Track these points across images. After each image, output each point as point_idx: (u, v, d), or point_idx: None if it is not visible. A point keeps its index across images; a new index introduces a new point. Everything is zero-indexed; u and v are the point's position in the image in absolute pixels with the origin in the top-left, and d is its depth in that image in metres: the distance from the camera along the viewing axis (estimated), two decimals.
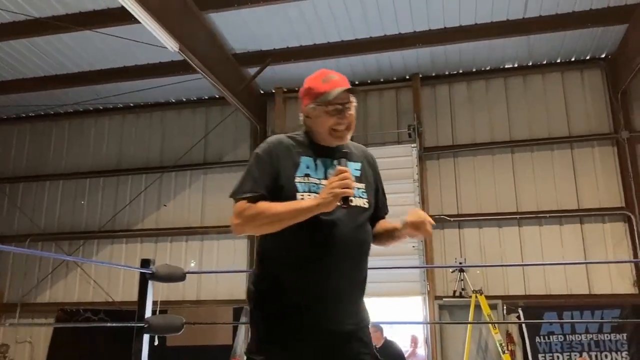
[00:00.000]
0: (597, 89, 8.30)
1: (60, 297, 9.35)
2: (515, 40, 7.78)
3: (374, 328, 6.23)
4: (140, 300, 3.85)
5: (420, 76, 8.72)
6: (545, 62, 8.47)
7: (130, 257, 9.18)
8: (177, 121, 9.81)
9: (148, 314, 3.84)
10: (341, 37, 7.84)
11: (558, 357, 7.26)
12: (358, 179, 2.13)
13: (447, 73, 8.80)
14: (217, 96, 9.24)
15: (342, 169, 1.95)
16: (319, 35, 7.78)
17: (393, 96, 8.92)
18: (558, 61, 8.44)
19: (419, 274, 7.69)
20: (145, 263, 3.91)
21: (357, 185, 2.09)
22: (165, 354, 6.33)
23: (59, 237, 9.62)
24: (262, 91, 9.38)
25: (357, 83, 8.73)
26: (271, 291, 2.03)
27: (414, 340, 8.06)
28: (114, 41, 7.52)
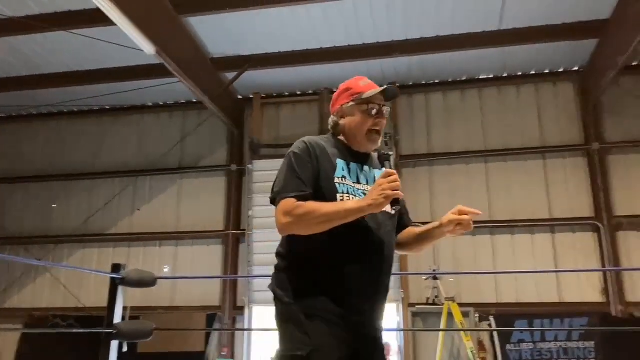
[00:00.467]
0: (570, 101, 8.48)
1: (28, 303, 9.16)
2: (490, 51, 7.92)
3: None
4: (109, 305, 3.80)
5: (397, 85, 8.80)
6: (519, 74, 8.64)
7: (102, 262, 9.04)
8: (154, 125, 9.72)
9: (117, 320, 3.79)
10: (320, 45, 7.87)
11: None
12: None
13: (424, 82, 8.91)
14: (195, 100, 9.19)
15: (391, 172, 1.97)
16: (298, 42, 7.80)
17: None
18: (532, 73, 8.61)
19: (394, 282, 7.70)
20: (115, 268, 3.86)
21: None
22: None
23: (29, 241, 9.43)
24: (240, 96, 9.36)
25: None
26: (310, 291, 2.02)
27: (387, 347, 8.05)
28: (90, 43, 7.44)
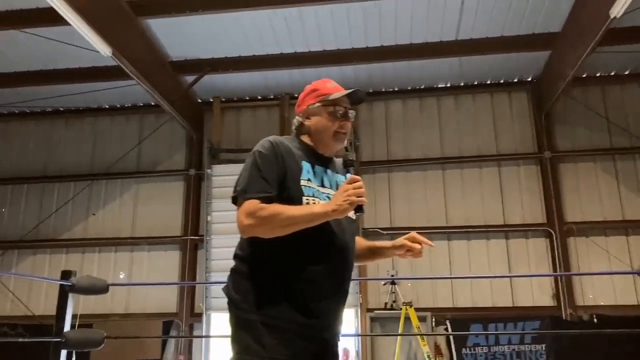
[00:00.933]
0: (523, 111, 8.74)
1: None
2: (447, 61, 8.10)
3: None
4: (58, 313, 3.70)
5: None
6: (475, 83, 8.85)
7: (54, 269, 8.73)
8: (110, 128, 9.50)
9: (67, 329, 3.68)
10: (281, 50, 7.87)
11: None
12: None
13: (384, 90, 9.02)
14: (153, 103, 9.03)
15: (356, 178, 1.94)
16: (259, 46, 7.77)
17: None
18: (488, 82, 8.84)
19: (352, 287, 7.74)
20: (65, 275, 3.76)
21: None
22: None
23: None
24: (200, 100, 9.26)
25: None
26: (271, 298, 1.96)
27: (346, 353, 8.09)
28: (44, 42, 7.23)
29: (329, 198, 2.04)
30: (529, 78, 8.72)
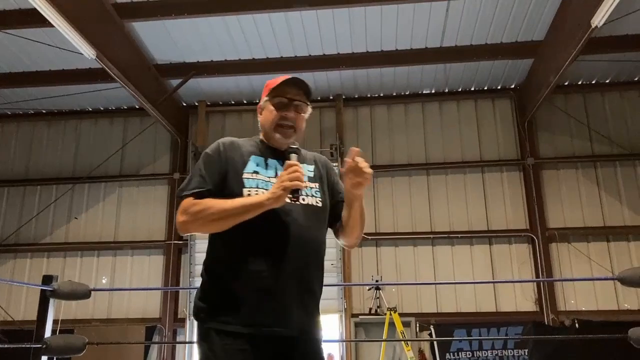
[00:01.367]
0: (507, 117, 8.83)
1: None
2: (432, 67, 8.17)
3: None
4: (39, 319, 3.64)
5: (343, 97, 8.92)
6: (460, 90, 8.93)
7: (35, 273, 8.62)
8: (93, 130, 9.41)
9: (48, 334, 3.63)
10: (267, 54, 7.87)
11: None
12: (312, 179, 2.08)
13: (369, 96, 9.06)
14: (137, 107, 8.95)
15: (292, 163, 1.90)
16: (244, 50, 7.76)
17: (317, 116, 9.04)
18: (472, 89, 8.92)
19: (337, 292, 7.76)
20: (47, 279, 3.71)
21: (310, 184, 2.06)
22: None
23: None
24: (185, 104, 9.22)
25: None
26: (225, 303, 1.89)
27: (330, 358, 8.09)
28: (26, 44, 7.16)
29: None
30: (513, 85, 8.82)
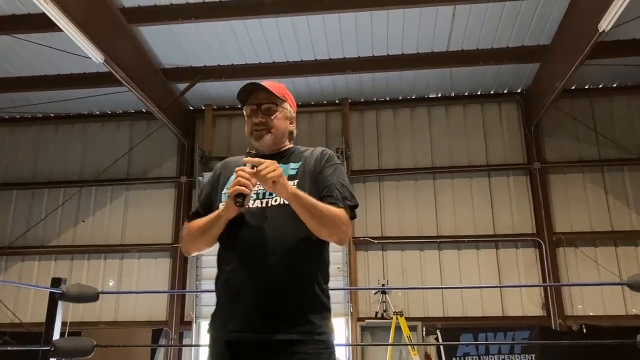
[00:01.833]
0: (513, 122, 8.82)
1: None
2: (438, 71, 8.16)
3: None
4: (47, 321, 3.66)
5: (349, 101, 8.93)
6: (466, 94, 8.92)
7: (42, 276, 8.67)
8: (100, 134, 9.46)
9: (56, 337, 3.64)
10: (273, 59, 7.90)
11: None
12: (292, 177, 2.05)
13: (375, 100, 9.06)
14: (144, 110, 9.01)
15: (239, 169, 1.89)
16: (251, 55, 7.80)
17: (323, 119, 9.07)
18: (478, 93, 8.91)
19: (343, 296, 7.76)
20: (55, 282, 3.73)
21: (290, 183, 2.00)
22: None
23: None
24: (192, 107, 9.26)
25: None
26: (215, 309, 2.02)
27: None
28: (35, 48, 7.21)
29: (257, 194, 2.00)
30: (519, 89, 8.80)
